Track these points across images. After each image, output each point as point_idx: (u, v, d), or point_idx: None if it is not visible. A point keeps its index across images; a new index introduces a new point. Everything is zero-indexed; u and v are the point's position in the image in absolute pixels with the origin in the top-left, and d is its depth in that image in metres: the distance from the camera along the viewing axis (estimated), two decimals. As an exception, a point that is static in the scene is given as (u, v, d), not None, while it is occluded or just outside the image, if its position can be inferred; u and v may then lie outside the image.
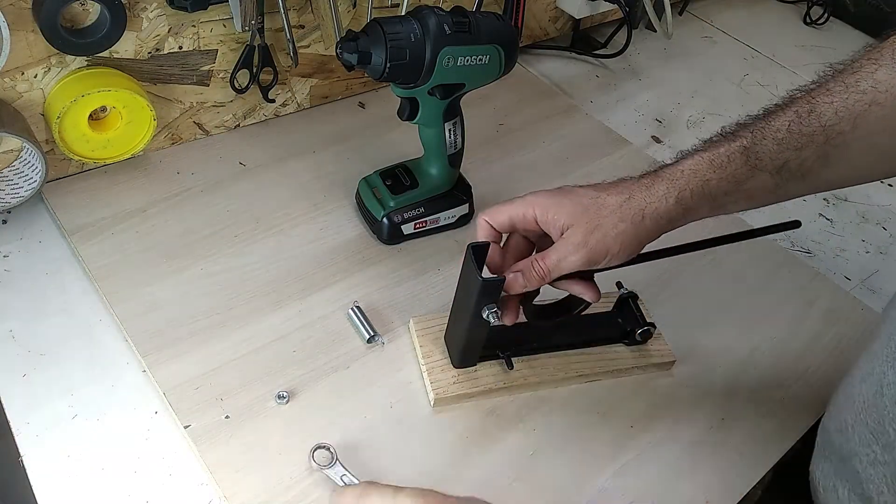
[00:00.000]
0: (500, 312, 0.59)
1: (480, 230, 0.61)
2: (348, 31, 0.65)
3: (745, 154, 0.56)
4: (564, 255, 0.57)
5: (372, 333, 0.69)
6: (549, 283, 0.60)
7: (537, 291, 0.66)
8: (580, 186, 0.60)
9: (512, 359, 0.67)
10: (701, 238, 0.64)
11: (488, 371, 0.67)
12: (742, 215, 0.75)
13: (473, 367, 0.67)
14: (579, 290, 0.61)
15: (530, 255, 0.62)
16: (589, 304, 0.62)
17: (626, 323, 0.70)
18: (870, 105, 0.52)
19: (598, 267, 0.58)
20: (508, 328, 0.63)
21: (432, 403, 0.65)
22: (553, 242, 0.59)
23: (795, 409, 0.71)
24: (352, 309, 0.70)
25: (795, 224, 0.65)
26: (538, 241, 0.63)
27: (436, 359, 0.68)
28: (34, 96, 0.72)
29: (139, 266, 0.72)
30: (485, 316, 0.59)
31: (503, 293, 0.60)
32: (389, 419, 0.64)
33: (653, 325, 0.70)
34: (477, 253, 0.58)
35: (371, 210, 0.78)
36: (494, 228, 0.61)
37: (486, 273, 0.58)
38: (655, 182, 0.57)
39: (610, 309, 0.72)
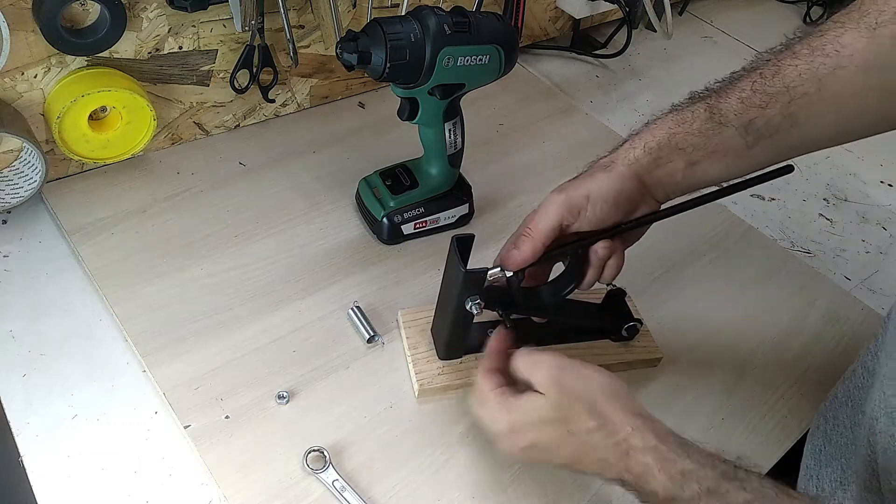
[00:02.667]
0: (482, 304, 0.59)
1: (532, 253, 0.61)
2: (348, 31, 0.65)
3: (709, 111, 0.58)
4: (544, 206, 0.59)
5: (372, 333, 0.69)
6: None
7: (547, 276, 0.66)
8: None
9: None
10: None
11: (474, 363, 0.67)
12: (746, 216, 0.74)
13: (458, 360, 0.67)
14: (603, 252, 0.61)
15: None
16: (574, 286, 0.63)
17: (614, 318, 0.71)
18: (834, 69, 0.53)
19: (584, 216, 0.58)
20: (494, 322, 0.63)
21: (416, 394, 0.65)
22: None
23: (796, 408, 0.71)
24: (352, 309, 0.70)
25: (789, 169, 0.63)
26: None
27: (422, 350, 0.68)
28: (34, 96, 0.72)
29: (139, 266, 0.72)
30: (468, 307, 0.60)
31: (517, 276, 0.60)
32: (389, 419, 0.64)
33: (640, 321, 0.70)
34: (461, 245, 0.58)
35: (371, 210, 0.78)
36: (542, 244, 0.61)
37: (469, 265, 0.58)
38: (625, 140, 0.61)
39: (598, 304, 0.72)
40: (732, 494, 0.47)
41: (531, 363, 0.54)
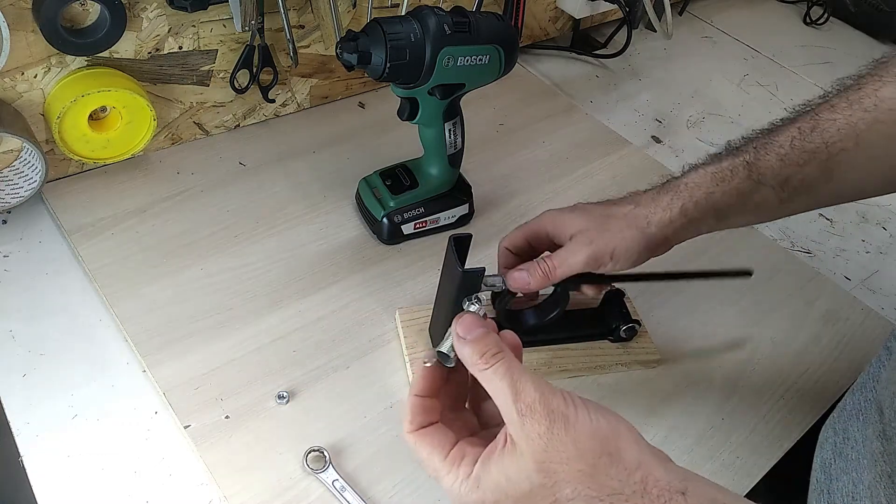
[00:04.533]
0: (481, 304, 0.59)
1: (501, 258, 0.64)
2: (348, 31, 0.65)
3: (748, 168, 0.57)
4: (571, 253, 0.59)
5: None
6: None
7: (536, 297, 0.66)
8: (592, 203, 0.63)
9: None
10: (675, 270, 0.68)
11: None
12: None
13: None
14: (592, 293, 0.65)
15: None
16: (559, 312, 0.65)
17: (612, 319, 0.71)
18: (873, 123, 0.52)
19: (604, 270, 0.59)
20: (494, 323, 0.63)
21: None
22: None
23: (796, 408, 0.71)
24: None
25: (748, 273, 0.68)
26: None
27: (419, 350, 0.68)
28: (34, 96, 0.72)
29: (139, 266, 0.72)
30: (465, 307, 0.59)
31: (511, 295, 0.61)
32: (389, 419, 0.64)
33: (638, 321, 0.70)
34: (458, 245, 0.58)
35: (371, 210, 0.78)
36: (513, 253, 0.64)
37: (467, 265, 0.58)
38: (661, 193, 0.60)
39: (595, 307, 0.72)
40: None
41: (512, 404, 0.39)
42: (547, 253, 0.62)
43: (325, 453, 0.59)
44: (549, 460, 0.37)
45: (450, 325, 0.62)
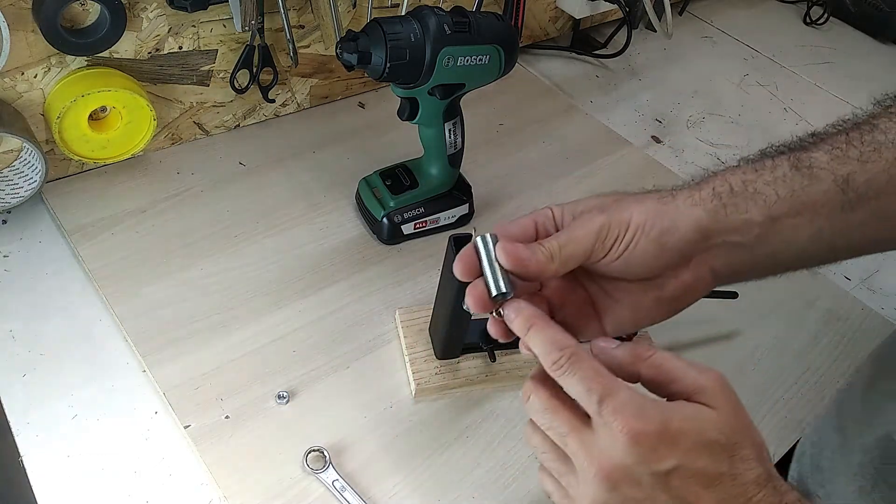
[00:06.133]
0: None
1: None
2: (348, 31, 0.66)
3: (793, 159, 0.46)
4: (578, 224, 0.46)
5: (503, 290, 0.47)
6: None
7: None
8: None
9: (495, 352, 0.67)
10: None
11: (471, 363, 0.67)
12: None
13: (456, 360, 0.67)
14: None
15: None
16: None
17: None
18: None
19: (620, 245, 0.45)
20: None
21: (413, 394, 0.65)
22: None
23: (795, 408, 0.71)
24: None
25: (734, 294, 0.68)
26: None
27: (419, 350, 0.68)
28: (34, 96, 0.72)
29: (139, 266, 0.72)
30: (465, 307, 0.60)
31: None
32: (390, 419, 0.64)
33: None
34: (458, 245, 0.58)
35: (371, 210, 0.78)
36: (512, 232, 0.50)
37: None
38: (688, 184, 0.49)
39: None
40: None
41: (691, 364, 0.41)
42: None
43: (325, 453, 0.59)
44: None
45: (449, 325, 0.63)
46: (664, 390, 0.41)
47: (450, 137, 0.75)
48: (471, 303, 0.45)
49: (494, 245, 0.45)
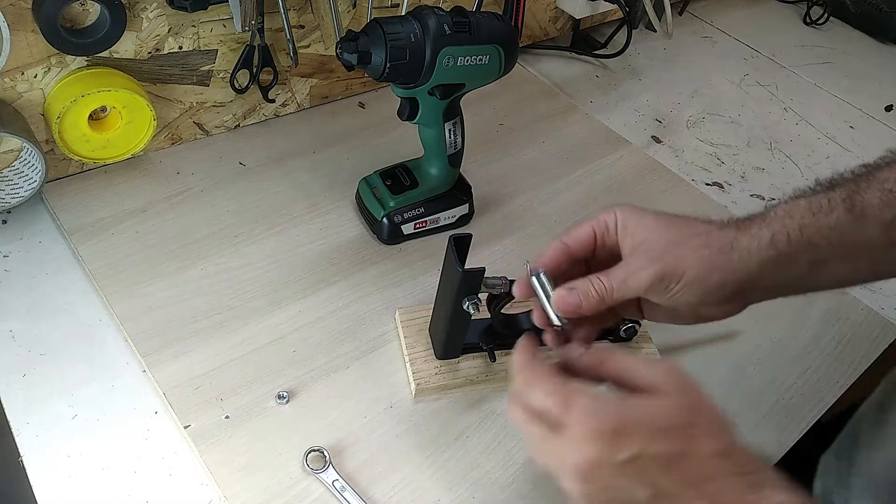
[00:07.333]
0: (479, 304, 0.60)
1: (551, 253, 0.53)
2: (348, 31, 0.65)
3: (848, 201, 0.49)
4: (631, 272, 0.49)
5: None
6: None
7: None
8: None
9: (495, 351, 0.67)
10: None
11: (471, 363, 0.67)
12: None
13: (456, 359, 0.67)
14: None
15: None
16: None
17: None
18: None
19: (669, 294, 0.49)
20: (490, 320, 0.63)
21: (413, 394, 0.65)
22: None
23: (796, 409, 0.71)
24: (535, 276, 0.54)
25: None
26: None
27: (419, 350, 0.68)
28: (34, 96, 0.72)
29: (139, 266, 0.72)
30: (465, 307, 0.60)
31: (509, 297, 0.59)
32: (390, 419, 0.64)
33: (637, 322, 0.70)
34: (458, 245, 0.58)
35: (371, 210, 0.78)
36: (569, 252, 0.53)
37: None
38: (750, 222, 0.51)
39: None
40: None
41: (643, 361, 0.46)
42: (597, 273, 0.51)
43: (325, 453, 0.59)
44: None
45: (449, 326, 0.63)
46: (627, 387, 0.45)
47: (450, 137, 0.75)
48: (536, 320, 0.54)
49: (548, 280, 0.52)
